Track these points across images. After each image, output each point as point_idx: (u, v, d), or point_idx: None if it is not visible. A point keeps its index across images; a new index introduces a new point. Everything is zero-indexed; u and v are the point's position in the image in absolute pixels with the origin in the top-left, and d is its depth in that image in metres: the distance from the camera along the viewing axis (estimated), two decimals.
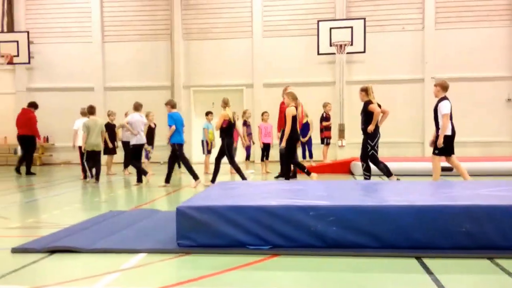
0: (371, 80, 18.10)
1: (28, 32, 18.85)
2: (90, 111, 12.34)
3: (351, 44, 17.33)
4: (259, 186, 7.07)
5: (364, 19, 17.42)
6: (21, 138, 14.62)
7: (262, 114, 14.72)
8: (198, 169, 12.78)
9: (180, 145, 11.29)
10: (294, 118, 10.38)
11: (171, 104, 11.54)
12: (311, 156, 14.96)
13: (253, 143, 14.97)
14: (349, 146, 18.08)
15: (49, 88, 19.23)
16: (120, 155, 14.99)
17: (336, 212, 4.92)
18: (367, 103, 10.29)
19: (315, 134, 15.43)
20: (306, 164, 14.61)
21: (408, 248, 4.82)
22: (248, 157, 14.72)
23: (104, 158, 13.95)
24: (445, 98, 9.42)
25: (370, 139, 10.22)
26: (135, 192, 10.68)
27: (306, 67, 18.49)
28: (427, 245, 4.81)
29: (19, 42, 18.50)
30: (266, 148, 14.41)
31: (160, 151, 17.12)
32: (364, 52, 17.48)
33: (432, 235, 4.80)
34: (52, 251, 5.12)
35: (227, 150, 10.98)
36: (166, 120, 11.34)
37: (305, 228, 4.93)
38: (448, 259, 4.64)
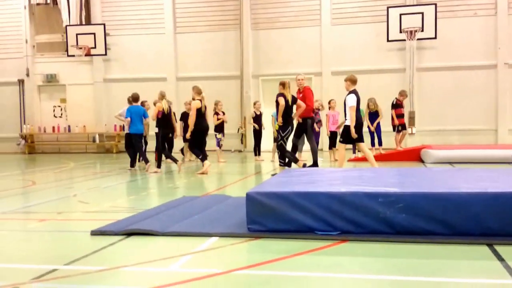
0: (443, 67, 17.75)
1: (104, 25, 19.50)
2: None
3: (422, 30, 16.95)
4: (328, 173, 7.12)
5: (435, 4, 16.99)
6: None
7: (329, 102, 14.69)
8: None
9: (136, 135, 12.40)
10: (198, 111, 11.21)
11: (133, 98, 12.67)
12: (380, 143, 14.80)
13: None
14: (419, 134, 17.77)
15: (124, 79, 19.82)
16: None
17: (406, 199, 4.91)
18: (278, 95, 10.88)
19: (386, 121, 15.22)
20: (374, 152, 14.55)
21: (479, 235, 4.76)
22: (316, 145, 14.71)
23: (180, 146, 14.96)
24: (353, 91, 10.22)
25: (282, 130, 10.78)
26: (206, 178, 10.93)
27: (375, 54, 18.24)
28: (499, 232, 4.74)
29: (96, 34, 19.17)
30: (333, 136, 14.38)
31: (231, 139, 17.45)
32: (435, 38, 17.07)
33: (504, 222, 4.72)
34: (129, 234, 5.34)
35: (160, 140, 12.08)
36: (236, 109, 11.65)
37: (374, 214, 4.96)
38: None
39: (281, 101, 10.65)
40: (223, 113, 14.96)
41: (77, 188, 9.95)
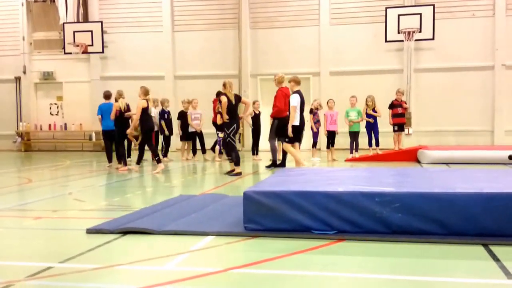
0: (440, 68, 17.78)
1: (101, 22, 19.48)
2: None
3: (420, 31, 16.97)
4: (325, 173, 7.12)
5: (433, 5, 17.01)
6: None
7: (328, 102, 14.71)
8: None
9: (107, 132, 12.79)
10: (143, 110, 11.60)
11: (104, 95, 13.11)
12: (377, 144, 14.80)
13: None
14: (416, 134, 17.80)
15: (121, 77, 19.77)
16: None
17: (402, 198, 4.92)
18: (220, 95, 11.34)
19: (384, 121, 15.20)
20: (371, 152, 14.58)
21: (475, 235, 4.77)
22: (314, 145, 14.73)
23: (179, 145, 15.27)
24: (297, 92, 10.66)
25: (226, 127, 10.99)
26: (203, 177, 10.93)
27: (373, 54, 18.26)
28: (494, 233, 4.75)
29: (93, 32, 19.14)
30: (331, 136, 14.41)
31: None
32: (433, 39, 17.09)
33: (500, 222, 4.73)
34: (125, 232, 5.33)
35: (117, 137, 12.41)
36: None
37: (370, 214, 4.96)
38: None
39: (223, 99, 10.96)
40: None
41: (73, 186, 9.93)
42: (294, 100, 10.58)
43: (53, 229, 5.87)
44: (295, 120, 10.64)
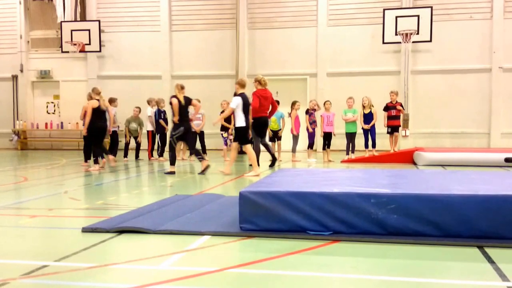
0: (438, 70, 17.81)
1: (99, 21, 19.46)
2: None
3: (417, 33, 17.01)
4: (321, 174, 7.13)
5: (431, 7, 17.05)
6: None
7: (325, 103, 14.72)
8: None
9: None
10: (94, 110, 11.94)
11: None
12: (374, 145, 14.82)
13: (297, 134, 14.76)
14: (413, 136, 17.83)
15: (118, 76, 19.79)
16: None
17: (398, 200, 4.92)
18: (171, 97, 11.53)
19: (380, 123, 15.23)
20: (367, 153, 14.61)
21: (470, 237, 4.79)
22: (311, 146, 14.75)
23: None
24: (240, 94, 10.90)
25: (173, 129, 11.37)
26: (200, 177, 10.93)
27: (370, 56, 18.30)
28: (489, 235, 4.76)
29: (91, 30, 19.13)
30: (327, 137, 14.43)
31: None
32: (430, 41, 17.13)
33: (495, 224, 4.74)
34: (120, 232, 5.32)
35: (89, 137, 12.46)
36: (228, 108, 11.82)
37: (366, 215, 4.97)
38: (511, 248, 4.59)
39: (174, 101, 11.24)
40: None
41: (69, 185, 9.91)
42: (234, 103, 10.83)
43: (49, 227, 5.87)
44: (240, 122, 10.85)
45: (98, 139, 12.15)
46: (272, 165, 12.28)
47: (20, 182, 10.29)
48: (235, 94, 11.48)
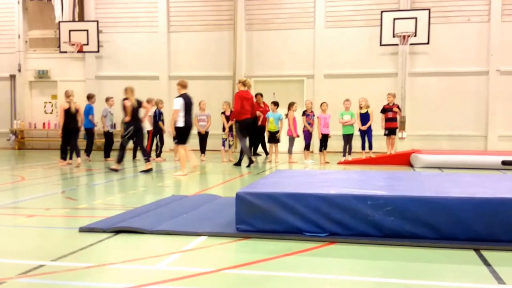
0: (435, 72, 17.84)
1: (97, 22, 19.41)
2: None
3: (415, 35, 17.00)
4: (318, 175, 7.14)
5: (429, 10, 17.06)
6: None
7: (321, 105, 14.72)
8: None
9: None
10: (66, 112, 13.07)
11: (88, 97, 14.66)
12: (370, 147, 14.82)
13: (297, 136, 14.79)
14: (410, 138, 17.85)
15: (116, 76, 19.74)
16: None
17: (394, 202, 4.94)
18: (123, 99, 12.06)
19: (377, 125, 15.22)
20: (364, 155, 14.62)
21: (466, 240, 4.80)
22: (307, 147, 14.75)
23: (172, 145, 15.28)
24: (182, 95, 11.15)
25: (125, 129, 11.99)
26: (196, 177, 10.93)
27: (368, 58, 18.29)
28: (486, 238, 4.78)
29: (89, 31, 19.07)
30: (324, 139, 14.44)
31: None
32: (428, 43, 17.13)
33: (491, 227, 4.76)
34: (117, 231, 5.34)
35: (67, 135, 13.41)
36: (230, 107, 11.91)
37: (362, 217, 4.98)
38: (507, 252, 4.61)
39: (127, 103, 11.89)
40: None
41: (66, 184, 9.92)
42: (177, 104, 11.05)
43: (46, 227, 5.87)
44: (180, 122, 11.07)
45: (71, 138, 12.94)
46: (248, 165, 12.72)
47: (17, 181, 10.28)
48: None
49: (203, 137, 15.01)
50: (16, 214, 6.76)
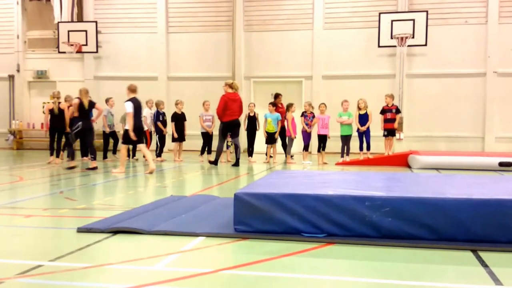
0: (433, 74, 17.86)
1: (96, 22, 19.43)
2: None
3: (413, 37, 17.04)
4: (316, 176, 7.15)
5: (427, 11, 17.09)
6: None
7: (319, 106, 14.73)
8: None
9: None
10: (50, 111, 13.96)
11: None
12: (368, 148, 14.82)
13: (295, 137, 14.85)
14: (407, 139, 17.87)
15: (114, 77, 19.74)
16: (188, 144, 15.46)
17: (392, 203, 4.95)
18: (74, 98, 12.89)
19: (376, 126, 15.22)
20: (362, 156, 14.63)
21: (464, 241, 4.81)
22: (306, 148, 14.77)
23: (171, 146, 15.79)
24: (131, 99, 11.58)
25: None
26: (194, 178, 10.94)
27: (366, 59, 18.31)
28: (483, 239, 4.79)
29: (88, 31, 19.09)
30: (322, 139, 14.45)
31: None
32: (425, 45, 17.16)
33: (489, 228, 4.77)
34: (115, 232, 5.34)
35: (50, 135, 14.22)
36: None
37: (360, 217, 4.99)
38: (505, 253, 4.62)
39: (75, 101, 12.51)
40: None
41: (65, 185, 9.91)
42: (129, 107, 11.45)
43: (44, 227, 5.87)
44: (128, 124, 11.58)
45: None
46: (234, 164, 13.20)
47: (16, 181, 10.27)
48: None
49: (209, 138, 15.01)
50: (14, 214, 6.76)
